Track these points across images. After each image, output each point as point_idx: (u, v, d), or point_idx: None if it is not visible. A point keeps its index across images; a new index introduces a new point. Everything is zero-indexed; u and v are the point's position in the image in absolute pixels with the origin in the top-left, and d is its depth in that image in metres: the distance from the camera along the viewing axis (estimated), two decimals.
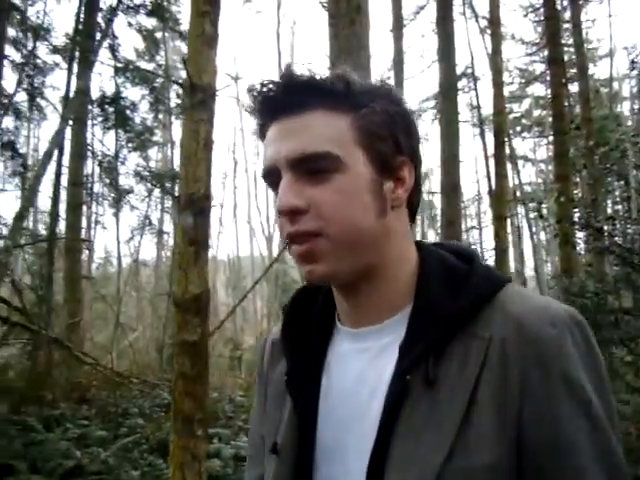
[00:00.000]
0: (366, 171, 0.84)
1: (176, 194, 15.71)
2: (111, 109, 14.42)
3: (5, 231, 14.56)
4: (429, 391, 0.79)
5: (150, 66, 17.18)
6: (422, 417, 0.79)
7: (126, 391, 9.53)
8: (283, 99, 0.84)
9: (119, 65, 14.41)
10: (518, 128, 27.02)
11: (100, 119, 14.93)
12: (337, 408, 0.88)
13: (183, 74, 18.11)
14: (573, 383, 0.78)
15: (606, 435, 0.78)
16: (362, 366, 0.88)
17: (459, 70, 17.94)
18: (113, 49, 14.06)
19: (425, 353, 0.81)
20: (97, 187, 17.68)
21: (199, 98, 3.11)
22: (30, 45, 14.06)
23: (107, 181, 16.82)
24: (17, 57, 14.42)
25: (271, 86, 0.85)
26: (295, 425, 0.91)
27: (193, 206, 3.21)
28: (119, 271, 20.78)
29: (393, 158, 0.87)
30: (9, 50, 13.05)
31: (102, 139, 16.29)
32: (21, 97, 14.80)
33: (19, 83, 13.28)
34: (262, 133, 0.89)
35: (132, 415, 7.88)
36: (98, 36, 11.62)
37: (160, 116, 17.24)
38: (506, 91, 17.22)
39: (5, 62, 11.58)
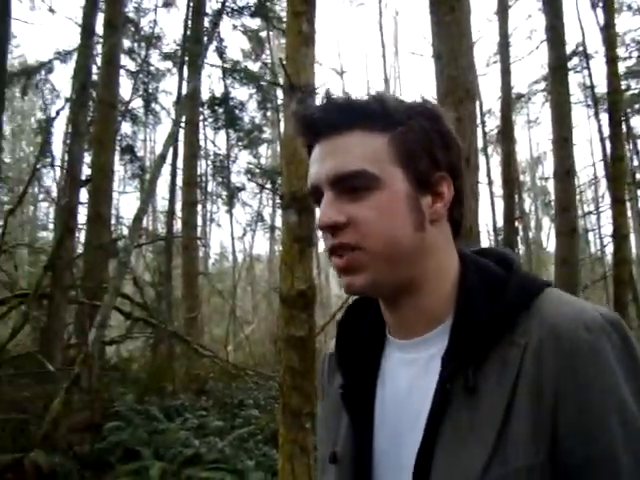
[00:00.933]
0: (403, 187, 0.87)
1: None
2: (221, 110, 14.87)
3: (125, 231, 15.36)
4: (470, 399, 0.81)
5: (256, 66, 17.55)
6: (463, 425, 0.80)
7: (242, 383, 9.83)
8: (322, 122, 0.89)
9: (226, 66, 14.84)
10: (637, 106, 25.48)
11: (211, 120, 15.45)
12: (391, 418, 0.90)
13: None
14: (608, 389, 0.76)
15: None
16: (412, 376, 0.90)
17: (569, 48, 17.12)
18: (220, 51, 14.50)
19: (465, 363, 0.82)
20: (210, 186, 18.36)
21: (298, 98, 3.15)
22: (143, 53, 14.76)
23: (219, 180, 17.43)
24: (132, 66, 15.22)
25: (312, 110, 0.90)
26: (352, 435, 0.93)
27: (296, 204, 3.25)
28: (234, 266, 21.48)
29: (430, 174, 0.89)
30: (124, 60, 13.77)
31: (213, 139, 16.87)
32: (137, 103, 15.60)
33: (135, 90, 13.99)
34: (309, 150, 0.94)
35: (247, 406, 8.12)
36: (205, 40, 12.01)
37: (268, 114, 17.58)
38: (622, 67, 16.23)
39: (121, 71, 12.20)
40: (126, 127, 15.34)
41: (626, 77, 23.79)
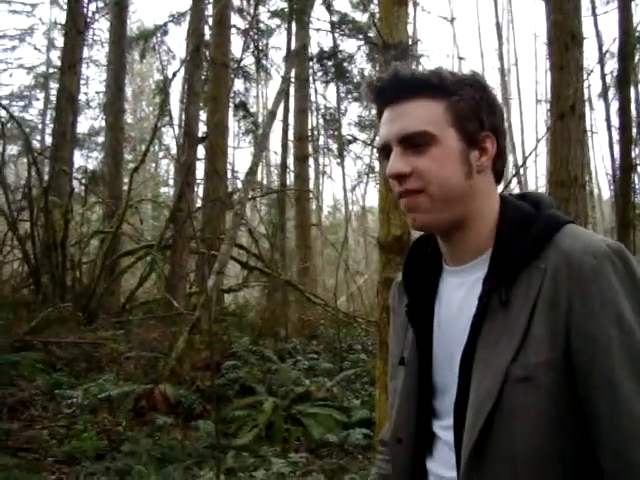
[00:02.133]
0: (456, 144, 1.08)
1: None
2: (330, 63, 14.99)
3: (240, 185, 15.98)
4: (503, 311, 1.02)
5: (364, 17, 17.46)
6: (498, 330, 1.02)
7: (351, 330, 10.20)
8: (392, 91, 1.10)
9: (334, 20, 14.89)
10: None
11: (320, 74, 15.62)
12: (446, 329, 1.14)
13: None
14: (607, 301, 0.95)
15: (636, 343, 0.94)
16: (462, 296, 1.12)
17: None
18: (328, 4, 14.54)
19: (499, 283, 1.04)
20: (321, 139, 18.63)
21: (392, 55, 3.30)
22: (252, 12, 15.06)
23: (330, 133, 17.67)
24: (242, 24, 15.58)
25: (383, 81, 1.11)
26: (416, 343, 1.17)
27: None
28: (346, 218, 21.83)
29: (478, 134, 1.10)
30: (234, 19, 14.15)
31: (323, 93, 17.06)
32: (248, 60, 15.99)
33: (245, 48, 14.35)
34: (379, 114, 1.15)
35: (356, 351, 8.48)
36: None
37: (377, 65, 17.51)
38: None
39: (232, 30, 12.58)
40: (238, 84, 15.80)
41: None
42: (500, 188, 1.20)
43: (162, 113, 13.60)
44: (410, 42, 3.49)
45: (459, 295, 1.13)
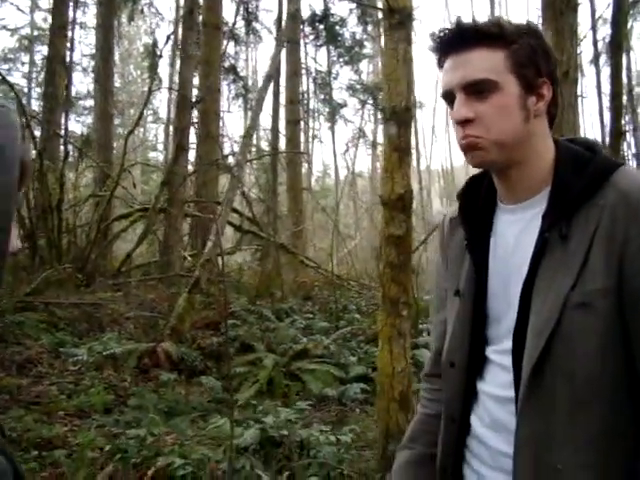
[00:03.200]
0: (515, 90, 1.16)
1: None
2: (321, 27, 14.92)
3: (235, 148, 15.98)
4: (562, 244, 1.11)
5: None
6: (557, 261, 1.11)
7: (345, 292, 10.37)
8: (455, 40, 1.18)
9: None
10: None
11: (311, 37, 15.54)
12: (501, 262, 1.22)
13: None
14: None
15: None
16: (517, 232, 1.21)
17: None
18: None
19: (560, 218, 1.12)
20: (312, 103, 18.62)
21: (396, 20, 3.38)
22: None
23: (322, 97, 17.65)
24: None
25: (446, 32, 1.19)
26: (473, 274, 1.27)
27: (396, 117, 3.55)
28: (336, 182, 21.86)
29: (535, 80, 1.17)
30: None
31: (315, 56, 16.99)
32: (238, 23, 15.84)
33: (237, 10, 14.24)
34: (440, 65, 1.22)
35: (350, 311, 8.65)
36: None
37: (369, 28, 17.41)
38: None
39: None
40: (229, 47, 15.70)
41: None
42: None
43: (152, 76, 13.56)
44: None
45: (514, 231, 1.22)
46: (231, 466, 2.97)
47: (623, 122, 14.13)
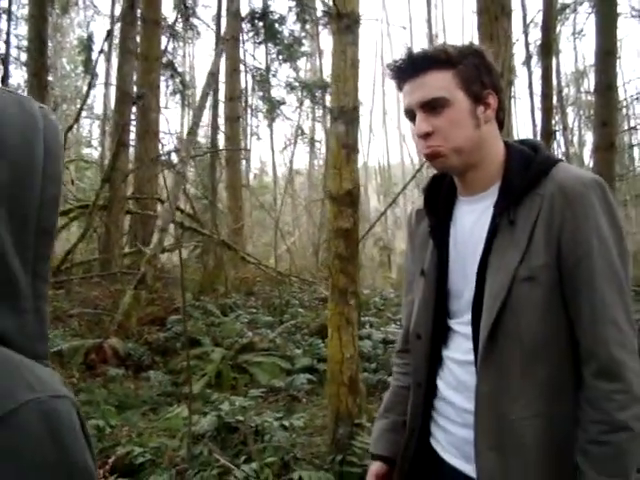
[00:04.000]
0: (465, 103, 1.36)
1: (327, 104, 16.22)
2: (261, 24, 14.99)
3: (174, 145, 15.85)
4: (510, 227, 1.32)
5: None
6: (506, 242, 1.32)
7: (286, 287, 10.51)
8: (409, 68, 1.38)
9: None
10: None
11: (251, 34, 15.59)
12: (460, 245, 1.44)
13: None
14: (591, 219, 1.26)
15: (610, 252, 1.25)
16: (473, 219, 1.42)
17: None
18: None
19: (508, 206, 1.34)
20: (251, 100, 18.62)
21: (345, 24, 3.56)
22: None
23: (260, 94, 17.71)
24: None
25: (401, 61, 1.39)
26: (435, 257, 1.48)
27: (344, 116, 3.73)
28: (275, 180, 21.96)
29: (481, 92, 1.38)
30: None
31: (254, 53, 17.04)
32: (174, 17, 15.71)
33: (176, 5, 14.17)
34: (400, 88, 1.43)
35: (293, 305, 8.80)
36: None
37: (307, 27, 17.56)
38: None
39: None
40: (165, 42, 15.57)
41: None
42: None
43: (89, 72, 13.36)
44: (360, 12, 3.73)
45: (471, 218, 1.43)
46: (190, 451, 3.09)
47: (553, 122, 14.74)
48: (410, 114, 1.41)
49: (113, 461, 3.21)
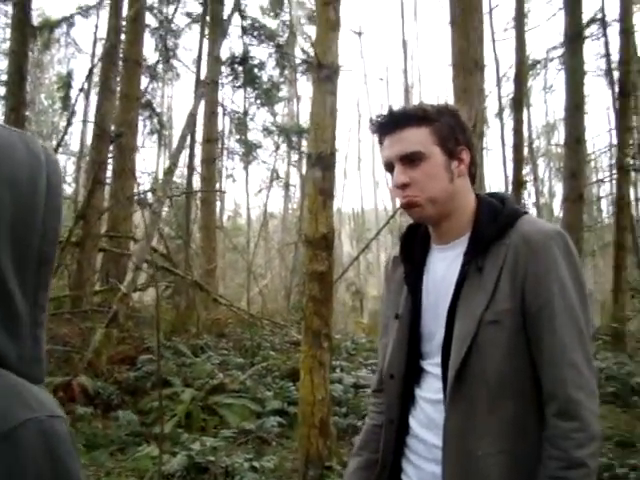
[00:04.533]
0: (440, 158, 1.46)
1: (303, 149, 16.44)
2: (240, 68, 15.23)
3: (152, 184, 15.87)
4: (478, 274, 1.41)
5: (275, 23, 17.72)
6: (474, 288, 1.40)
7: (258, 330, 10.49)
8: (390, 124, 1.49)
9: (246, 25, 15.12)
10: None
11: (230, 78, 15.81)
12: (433, 290, 1.52)
13: (307, 29, 18.64)
14: (552, 269, 1.36)
15: (571, 299, 1.35)
16: (445, 266, 1.51)
17: (588, 16, 17.13)
18: (240, 9, 14.74)
19: (476, 254, 1.43)
20: (228, 143, 18.78)
21: (325, 74, 3.71)
22: (165, 11, 15.09)
23: (238, 137, 17.87)
24: (153, 22, 15.50)
25: (382, 117, 1.51)
26: (410, 301, 1.55)
27: (321, 162, 3.84)
28: (248, 222, 22.00)
29: (455, 148, 1.48)
30: (149, 18, 14.10)
31: (232, 97, 17.25)
32: (155, 58, 15.90)
33: (157, 47, 14.37)
34: (380, 142, 1.54)
35: (264, 348, 8.78)
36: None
37: (286, 72, 17.85)
38: None
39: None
40: (145, 82, 15.70)
41: None
42: None
43: (69, 109, 13.39)
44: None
45: (443, 266, 1.52)
46: None
47: (524, 173, 15.10)
48: (389, 166, 1.50)
49: None
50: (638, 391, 7.72)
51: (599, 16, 17.13)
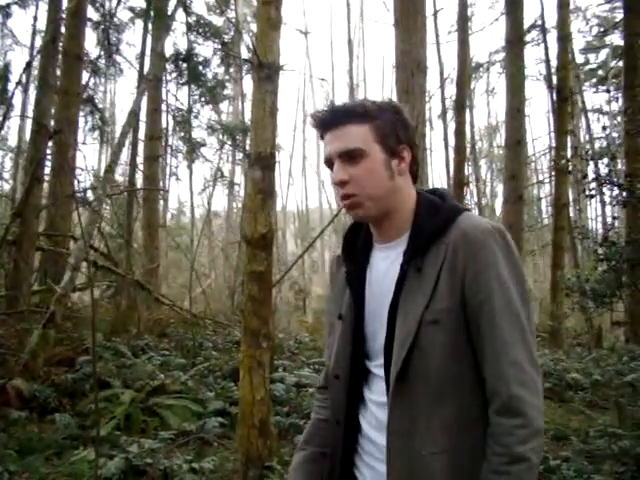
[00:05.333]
0: (380, 156, 1.45)
1: (247, 148, 16.34)
2: (185, 65, 15.06)
3: (92, 181, 15.56)
4: (418, 274, 1.40)
5: (220, 20, 17.59)
6: (414, 288, 1.40)
7: (200, 329, 10.41)
8: (330, 119, 1.47)
9: (191, 21, 14.97)
10: (594, 80, 25.98)
11: (174, 75, 15.62)
12: (375, 290, 1.50)
13: (253, 27, 18.54)
14: (491, 264, 1.36)
15: (510, 294, 1.35)
16: (386, 266, 1.50)
17: (529, 22, 17.59)
18: (185, 5, 14.57)
19: (415, 254, 1.42)
20: (172, 140, 18.55)
21: (265, 74, 3.70)
22: (108, 5, 14.79)
23: (181, 134, 17.67)
24: (95, 17, 15.18)
25: (323, 112, 1.48)
26: (352, 301, 1.54)
27: (261, 162, 3.84)
28: (192, 221, 21.79)
29: (396, 146, 1.47)
30: (89, 11, 13.79)
31: (176, 94, 17.05)
32: (97, 53, 15.58)
33: (99, 42, 14.08)
34: (322, 137, 1.51)
35: (207, 348, 8.73)
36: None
37: (231, 70, 17.73)
38: (582, 42, 16.72)
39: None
40: (87, 78, 15.36)
41: (585, 52, 24.36)
42: None
43: (5, 102, 12.99)
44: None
45: (384, 265, 1.50)
46: None
47: (466, 174, 15.37)
48: (329, 163, 1.49)
49: None
50: (573, 386, 7.99)
51: (539, 22, 17.62)
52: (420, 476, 1.35)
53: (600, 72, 25.40)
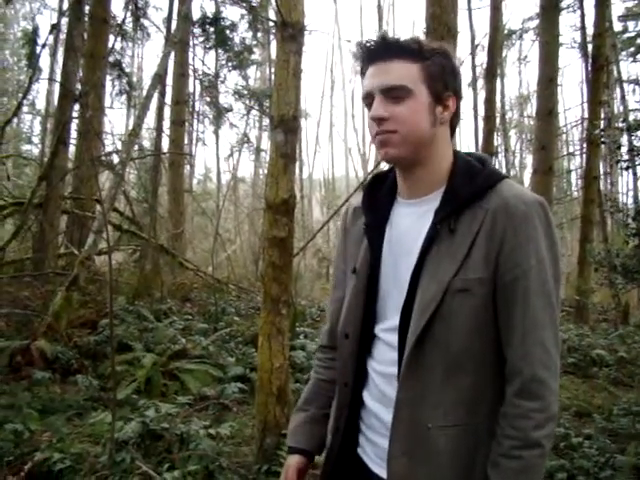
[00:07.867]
0: (426, 98, 1.36)
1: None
2: (212, 29, 14.89)
3: (117, 145, 15.60)
4: (450, 236, 1.32)
5: None
6: (444, 251, 1.32)
7: (224, 295, 10.44)
8: (379, 51, 1.37)
9: None
10: (632, 49, 25.10)
11: (201, 39, 15.47)
12: (394, 247, 1.43)
13: None
14: (531, 239, 1.29)
15: (546, 273, 1.29)
16: (410, 222, 1.41)
17: None
18: None
19: (450, 214, 1.34)
20: (198, 105, 18.47)
21: (289, 33, 3.60)
22: None
23: (208, 100, 17.57)
24: None
25: (372, 42, 1.38)
26: (368, 256, 1.46)
27: (284, 125, 3.75)
28: (218, 186, 21.81)
29: (443, 92, 1.39)
30: None
31: (203, 59, 16.93)
32: (126, 19, 15.48)
33: (126, 5, 13.96)
34: (362, 72, 1.42)
35: (229, 314, 8.75)
36: None
37: (259, 35, 17.53)
38: (621, 8, 16.15)
39: None
40: (113, 42, 15.29)
41: (624, 19, 23.62)
42: None
43: (32, 66, 13.01)
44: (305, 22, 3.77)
45: (407, 222, 1.42)
46: (112, 458, 3.03)
47: (495, 144, 15.10)
48: (369, 99, 1.39)
49: (29, 467, 3.12)
50: (598, 362, 7.88)
51: None
52: (422, 448, 1.30)
53: (639, 41, 24.61)
